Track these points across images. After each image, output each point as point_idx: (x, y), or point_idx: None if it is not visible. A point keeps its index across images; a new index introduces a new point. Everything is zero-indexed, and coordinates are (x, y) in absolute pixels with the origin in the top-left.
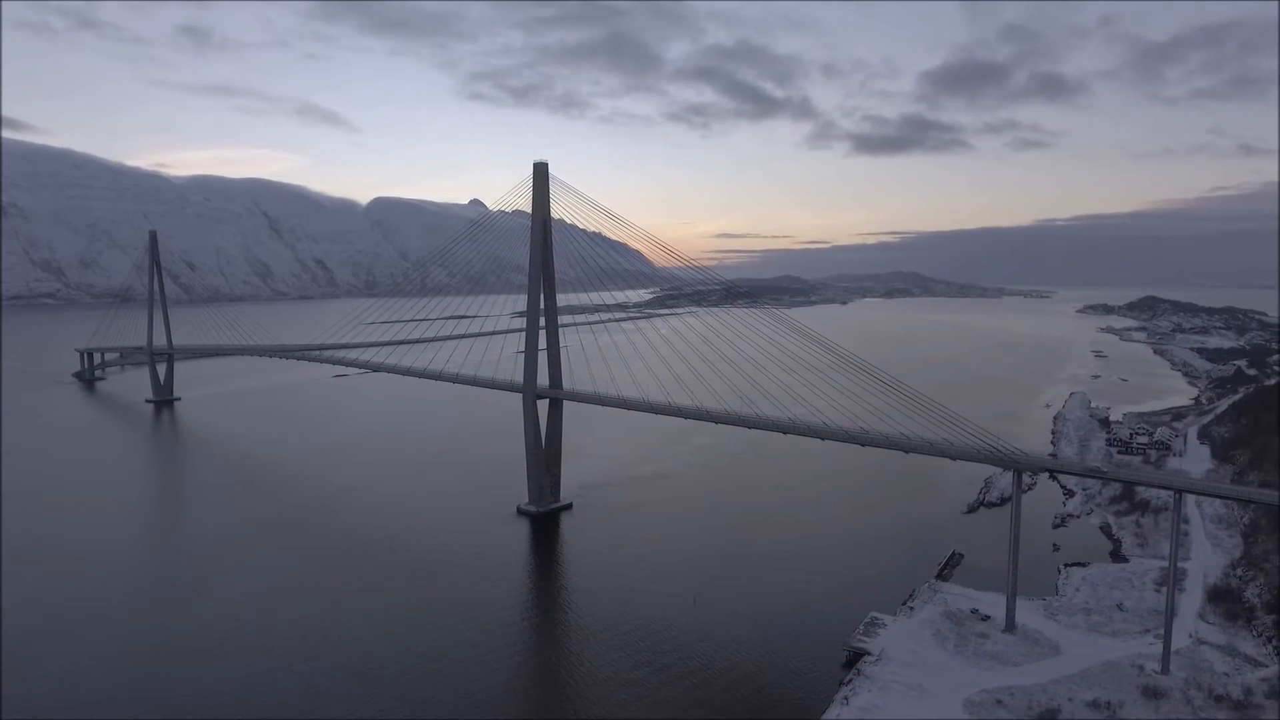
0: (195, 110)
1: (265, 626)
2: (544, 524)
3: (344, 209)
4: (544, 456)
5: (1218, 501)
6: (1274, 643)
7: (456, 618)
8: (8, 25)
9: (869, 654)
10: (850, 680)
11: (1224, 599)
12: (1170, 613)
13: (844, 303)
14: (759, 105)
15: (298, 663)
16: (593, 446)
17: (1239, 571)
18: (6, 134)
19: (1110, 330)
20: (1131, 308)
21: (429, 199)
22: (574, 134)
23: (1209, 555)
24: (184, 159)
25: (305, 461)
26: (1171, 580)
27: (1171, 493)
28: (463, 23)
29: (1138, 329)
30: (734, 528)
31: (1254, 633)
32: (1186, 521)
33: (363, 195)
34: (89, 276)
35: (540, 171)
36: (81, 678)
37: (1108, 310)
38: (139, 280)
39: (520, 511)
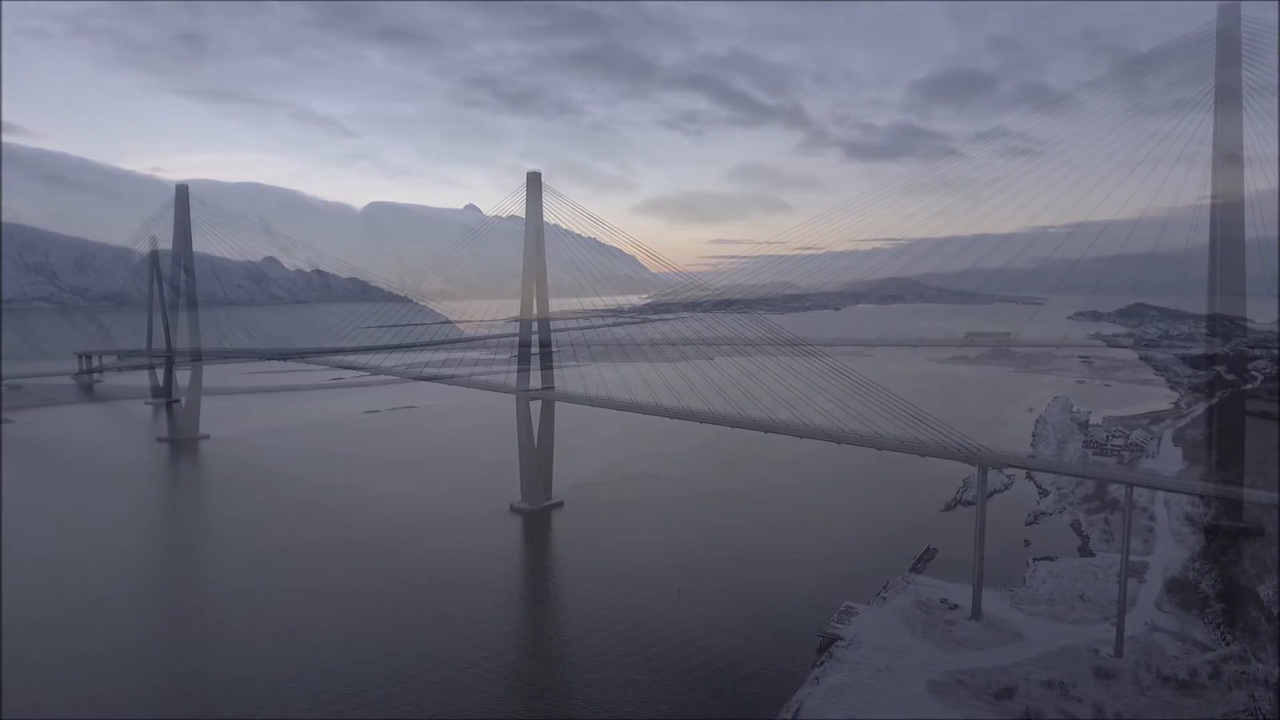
0: (191, 115)
1: (256, 623)
2: (536, 521)
3: (340, 213)
4: (536, 456)
5: (1185, 500)
6: (1222, 629)
7: (449, 611)
8: (4, 30)
9: (841, 639)
10: (822, 663)
11: (1180, 590)
12: (1124, 598)
13: (837, 308)
14: (751, 113)
15: (287, 661)
16: (585, 448)
17: (1197, 564)
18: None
19: (1099, 336)
20: (1121, 314)
21: (425, 204)
22: (568, 140)
23: (1173, 550)
24: (179, 163)
25: (300, 460)
26: (1124, 566)
27: (1124, 486)
28: (458, 31)
29: (1126, 335)
30: (720, 524)
31: (1205, 620)
32: (1154, 519)
33: (358, 200)
34: (84, 280)
35: (534, 181)
36: (75, 676)
37: (1098, 317)
38: (134, 284)
39: (513, 509)
